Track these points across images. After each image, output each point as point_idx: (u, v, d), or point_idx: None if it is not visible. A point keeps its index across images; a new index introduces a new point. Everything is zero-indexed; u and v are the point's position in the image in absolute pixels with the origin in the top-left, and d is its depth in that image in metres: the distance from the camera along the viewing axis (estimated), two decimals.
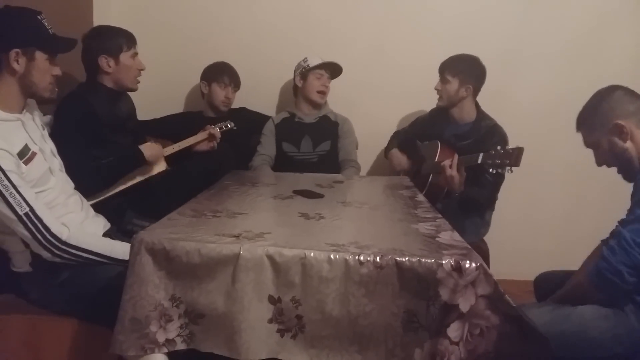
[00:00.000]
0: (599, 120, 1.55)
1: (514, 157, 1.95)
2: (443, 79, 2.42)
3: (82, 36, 2.04)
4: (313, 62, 2.64)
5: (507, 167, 1.99)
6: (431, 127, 2.58)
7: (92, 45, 2.04)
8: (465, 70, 2.38)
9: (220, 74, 2.67)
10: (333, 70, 2.68)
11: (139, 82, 2.15)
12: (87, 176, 1.83)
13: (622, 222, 1.40)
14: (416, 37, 2.85)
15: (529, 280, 1.95)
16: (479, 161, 2.08)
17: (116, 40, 2.05)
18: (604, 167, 1.62)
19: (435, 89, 2.46)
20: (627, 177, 1.57)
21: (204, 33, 2.91)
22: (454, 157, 2.20)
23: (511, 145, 2.27)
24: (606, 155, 1.57)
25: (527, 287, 1.96)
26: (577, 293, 1.49)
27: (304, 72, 2.66)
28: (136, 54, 2.11)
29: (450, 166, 2.17)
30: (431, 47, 2.78)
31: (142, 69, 2.14)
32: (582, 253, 1.75)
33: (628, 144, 1.50)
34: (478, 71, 2.40)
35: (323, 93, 2.68)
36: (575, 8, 2.76)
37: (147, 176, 2.15)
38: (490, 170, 2.06)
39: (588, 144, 1.61)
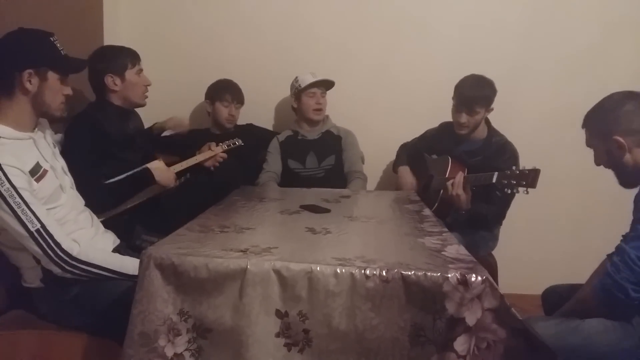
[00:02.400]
0: (601, 128, 1.56)
1: (531, 178, 1.94)
2: (472, 112, 2.31)
3: (87, 58, 2.08)
4: (304, 81, 2.65)
5: (524, 189, 1.97)
6: (440, 141, 2.57)
7: (97, 66, 2.06)
8: (490, 96, 2.32)
9: (222, 92, 2.70)
10: (327, 84, 2.68)
11: (146, 97, 2.18)
12: (96, 194, 1.86)
13: (625, 238, 1.40)
14: (421, 53, 2.88)
15: (538, 294, 1.94)
16: (494, 180, 2.08)
17: (120, 58, 2.08)
18: (612, 183, 1.63)
19: (461, 122, 2.35)
20: (622, 182, 1.60)
21: (211, 51, 2.95)
22: (457, 176, 2.21)
23: (520, 160, 2.28)
24: (603, 160, 1.59)
25: (536, 302, 1.94)
26: (583, 308, 1.49)
27: (297, 92, 2.68)
28: (141, 70, 2.14)
29: (454, 185, 2.19)
30: (436, 63, 2.81)
31: (149, 85, 2.17)
32: (591, 267, 1.75)
33: (626, 157, 1.51)
34: (496, 92, 2.35)
35: (319, 110, 2.69)
36: (579, 21, 2.78)
37: (155, 193, 2.17)
38: (506, 190, 2.03)
39: (588, 144, 1.63)
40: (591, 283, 1.47)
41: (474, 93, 2.31)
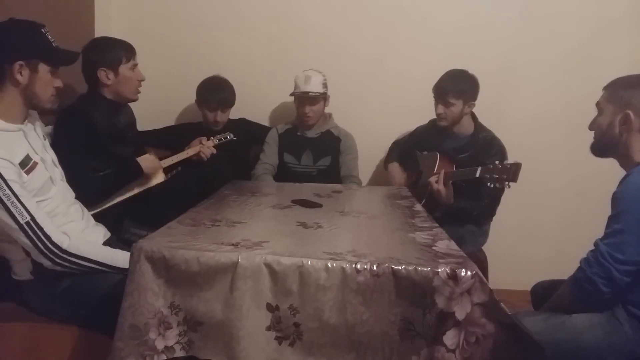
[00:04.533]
0: (622, 96, 1.53)
1: (512, 172, 1.97)
2: (446, 103, 2.37)
3: (82, 49, 2.06)
4: (295, 85, 2.62)
5: (505, 182, 2.00)
6: (430, 138, 2.60)
7: (91, 58, 2.04)
8: (467, 89, 2.37)
9: (206, 97, 2.65)
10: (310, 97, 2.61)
11: (139, 92, 2.15)
12: (85, 187, 1.84)
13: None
14: (415, 50, 2.88)
15: (527, 290, 1.96)
16: (477, 175, 2.11)
17: (115, 52, 2.05)
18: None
19: (438, 114, 2.42)
20: (595, 150, 1.63)
21: (204, 45, 2.94)
22: (440, 172, 2.27)
23: (510, 158, 2.30)
24: (600, 126, 1.58)
25: (526, 297, 1.96)
26: (560, 302, 1.53)
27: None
28: (136, 65, 2.11)
29: (437, 181, 2.25)
30: (430, 60, 2.81)
31: (142, 80, 2.14)
32: None
33: (625, 135, 1.51)
34: (476, 86, 2.40)
35: (306, 117, 2.65)
36: (571, 21, 2.79)
37: (145, 187, 2.16)
38: (488, 184, 2.07)
39: (598, 104, 1.61)
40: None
41: (447, 84, 2.38)
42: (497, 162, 2.05)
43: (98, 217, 1.89)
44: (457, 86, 2.36)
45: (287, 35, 2.91)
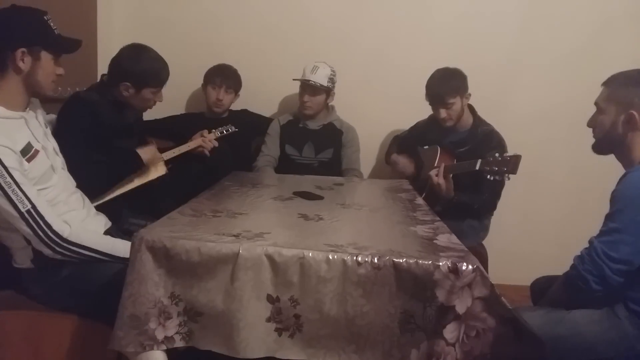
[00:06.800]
0: (626, 95, 1.50)
1: (511, 164, 1.98)
2: (446, 105, 2.36)
3: (123, 47, 2.03)
4: (302, 73, 2.61)
5: (505, 174, 2.00)
6: (430, 132, 2.60)
7: (123, 66, 1.98)
8: (459, 85, 2.37)
9: (213, 75, 2.68)
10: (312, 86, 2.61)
11: (149, 108, 2.13)
12: (86, 175, 1.82)
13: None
14: (417, 42, 2.87)
15: (527, 285, 1.96)
16: (477, 168, 2.11)
17: (147, 74, 1.99)
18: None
19: (442, 118, 2.40)
20: (597, 149, 1.62)
21: (207, 35, 2.93)
22: (441, 165, 2.27)
23: (509, 151, 2.30)
24: (600, 124, 1.57)
25: (526, 292, 1.96)
26: (554, 298, 1.54)
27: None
28: (160, 89, 2.06)
29: (437, 174, 2.25)
30: (432, 52, 2.81)
31: (160, 101, 2.10)
32: None
33: (629, 135, 1.50)
34: (464, 77, 2.40)
35: (304, 105, 2.65)
36: (575, 16, 2.78)
37: (147, 180, 2.15)
38: (488, 177, 2.07)
39: (597, 102, 1.59)
40: None
41: (441, 88, 2.36)
42: (496, 154, 2.05)
43: (98, 207, 1.88)
44: (449, 86, 2.36)
45: (291, 26, 2.90)
